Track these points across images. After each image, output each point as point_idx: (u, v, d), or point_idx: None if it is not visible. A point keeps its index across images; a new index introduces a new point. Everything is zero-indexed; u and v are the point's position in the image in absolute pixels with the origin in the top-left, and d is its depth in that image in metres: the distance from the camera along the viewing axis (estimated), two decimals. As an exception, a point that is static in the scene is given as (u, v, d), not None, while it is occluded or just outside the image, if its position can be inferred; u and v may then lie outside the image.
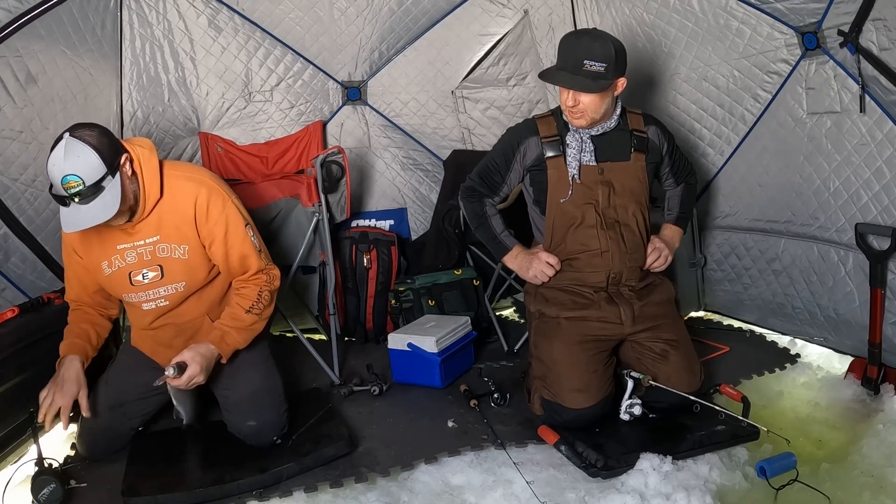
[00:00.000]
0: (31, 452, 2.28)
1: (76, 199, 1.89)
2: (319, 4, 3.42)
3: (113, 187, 1.93)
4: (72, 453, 2.33)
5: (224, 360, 2.15)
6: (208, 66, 3.35)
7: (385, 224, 3.76)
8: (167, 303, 2.21)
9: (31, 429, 2.09)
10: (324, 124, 3.63)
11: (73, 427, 2.46)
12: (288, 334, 3.46)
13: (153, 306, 2.21)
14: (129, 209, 2.05)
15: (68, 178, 1.87)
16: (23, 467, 2.21)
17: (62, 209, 1.93)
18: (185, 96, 3.35)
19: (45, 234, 2.63)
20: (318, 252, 3.07)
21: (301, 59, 3.51)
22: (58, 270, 2.67)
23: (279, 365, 2.41)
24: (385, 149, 3.78)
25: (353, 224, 3.64)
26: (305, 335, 3.01)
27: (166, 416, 2.55)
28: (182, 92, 3.34)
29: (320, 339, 3.44)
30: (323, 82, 3.60)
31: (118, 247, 2.14)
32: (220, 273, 2.28)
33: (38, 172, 2.59)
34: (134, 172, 2.05)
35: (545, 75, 2.27)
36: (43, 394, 2.07)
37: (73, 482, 2.11)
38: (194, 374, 2.03)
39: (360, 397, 2.71)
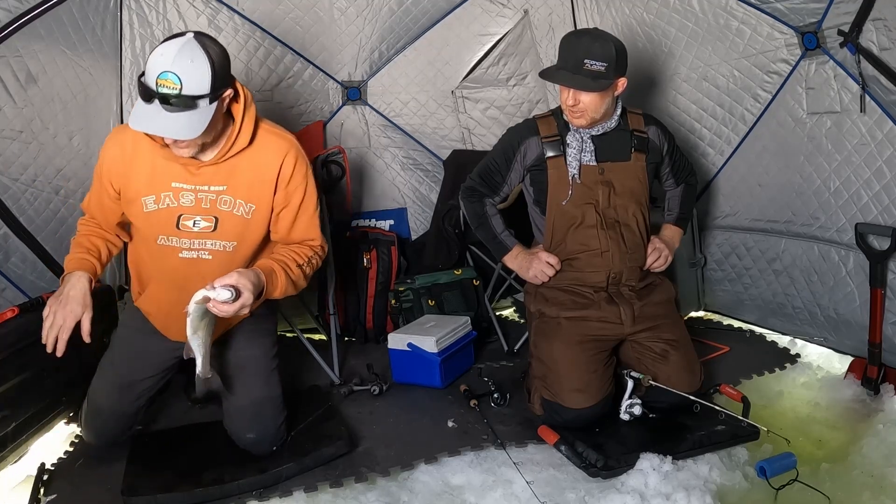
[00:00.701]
0: (34, 452, 2.29)
1: (161, 101, 1.69)
2: (319, 4, 3.42)
3: (205, 111, 1.74)
4: (71, 449, 2.33)
5: (260, 302, 1.87)
6: (208, 66, 3.35)
7: (385, 224, 3.77)
8: (210, 257, 1.99)
9: None
10: (324, 124, 3.63)
11: (74, 427, 2.47)
12: (288, 334, 3.46)
13: (193, 255, 1.98)
14: (202, 145, 1.86)
15: (167, 74, 1.67)
16: (24, 466, 2.22)
17: (139, 102, 1.73)
18: (185, 96, 3.35)
19: (45, 234, 2.63)
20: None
21: (301, 59, 3.51)
22: (58, 270, 2.67)
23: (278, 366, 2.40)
24: (385, 149, 3.78)
25: (353, 224, 3.64)
26: (305, 335, 3.01)
27: (166, 417, 2.57)
28: (182, 92, 3.34)
29: (320, 339, 3.44)
30: (323, 82, 3.60)
31: (173, 184, 1.92)
32: (266, 245, 2.11)
33: (37, 172, 2.59)
34: (228, 113, 1.87)
35: (546, 74, 2.28)
36: (45, 312, 1.88)
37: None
38: (247, 302, 1.75)
39: (360, 397, 2.71)
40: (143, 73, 1.75)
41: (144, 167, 1.92)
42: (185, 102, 1.70)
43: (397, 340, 2.83)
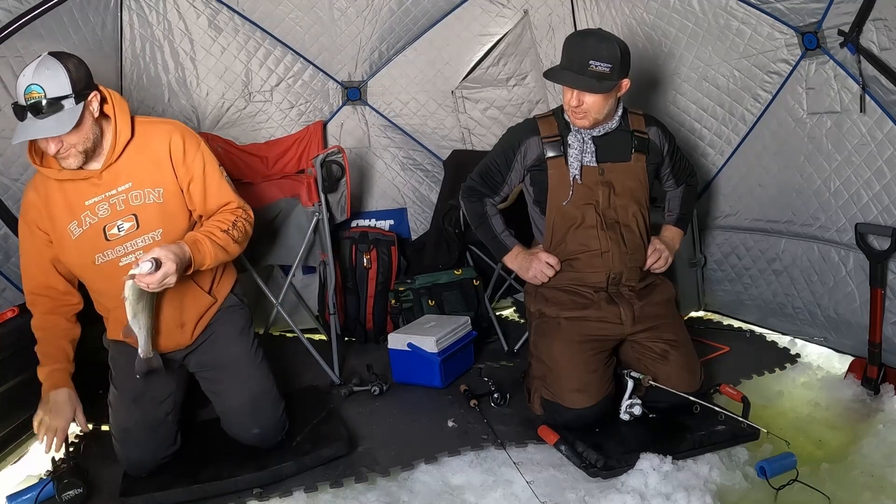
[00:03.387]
0: (34, 452, 2.29)
1: (32, 112, 1.83)
2: (319, 4, 3.42)
3: (73, 110, 1.87)
4: (70, 449, 2.33)
5: (191, 271, 1.96)
6: (208, 66, 3.35)
7: (385, 224, 3.76)
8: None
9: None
10: (324, 124, 3.63)
11: (74, 427, 2.47)
12: (288, 334, 3.47)
13: (132, 259, 2.03)
14: (85, 151, 1.95)
15: (31, 87, 1.83)
16: (24, 466, 2.22)
17: (18, 126, 1.86)
18: (185, 96, 3.35)
19: (46, 234, 2.63)
20: (318, 252, 3.07)
21: (301, 59, 3.51)
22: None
23: (277, 365, 2.40)
24: (385, 149, 3.78)
25: (353, 224, 3.64)
26: (305, 335, 3.01)
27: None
28: (182, 92, 3.34)
29: (320, 339, 3.44)
30: (323, 82, 3.60)
31: (87, 202, 2.02)
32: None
33: (38, 173, 2.59)
34: (102, 114, 1.99)
35: (550, 74, 2.28)
36: (36, 421, 2.02)
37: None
38: (169, 271, 1.82)
39: (360, 397, 2.71)
40: (15, 104, 1.88)
41: (58, 199, 2.03)
42: (50, 105, 1.84)
43: (397, 340, 2.83)
